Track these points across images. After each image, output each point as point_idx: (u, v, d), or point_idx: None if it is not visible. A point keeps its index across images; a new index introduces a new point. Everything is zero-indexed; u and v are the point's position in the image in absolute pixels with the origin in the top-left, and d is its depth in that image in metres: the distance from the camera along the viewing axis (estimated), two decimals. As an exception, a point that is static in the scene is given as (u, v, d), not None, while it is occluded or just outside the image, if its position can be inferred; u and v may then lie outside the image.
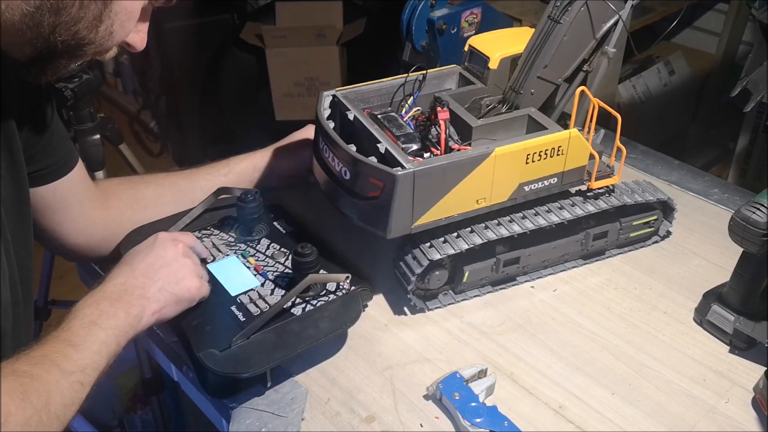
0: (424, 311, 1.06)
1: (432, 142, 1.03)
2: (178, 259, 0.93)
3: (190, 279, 0.93)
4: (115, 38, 0.77)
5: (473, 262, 1.05)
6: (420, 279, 1.02)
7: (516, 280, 1.11)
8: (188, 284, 0.93)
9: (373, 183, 0.95)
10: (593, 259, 1.16)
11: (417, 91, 1.13)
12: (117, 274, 0.91)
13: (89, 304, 0.85)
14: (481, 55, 1.13)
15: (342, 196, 1.01)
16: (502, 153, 0.98)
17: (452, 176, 0.97)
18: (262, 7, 2.76)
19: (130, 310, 0.86)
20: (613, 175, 1.11)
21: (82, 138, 1.86)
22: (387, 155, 0.97)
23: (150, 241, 0.95)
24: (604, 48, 1.07)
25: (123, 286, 0.88)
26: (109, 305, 0.85)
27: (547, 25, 1.06)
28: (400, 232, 0.98)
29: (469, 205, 1.01)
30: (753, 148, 2.47)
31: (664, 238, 1.20)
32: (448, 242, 1.02)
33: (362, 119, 1.04)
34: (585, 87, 1.07)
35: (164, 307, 0.90)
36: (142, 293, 0.89)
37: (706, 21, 2.65)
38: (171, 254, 0.93)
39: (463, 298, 1.08)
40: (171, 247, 0.94)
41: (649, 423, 0.91)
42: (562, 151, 1.03)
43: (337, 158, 1.00)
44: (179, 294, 0.92)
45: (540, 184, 1.05)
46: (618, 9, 1.05)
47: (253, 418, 0.91)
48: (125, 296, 0.87)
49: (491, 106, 1.12)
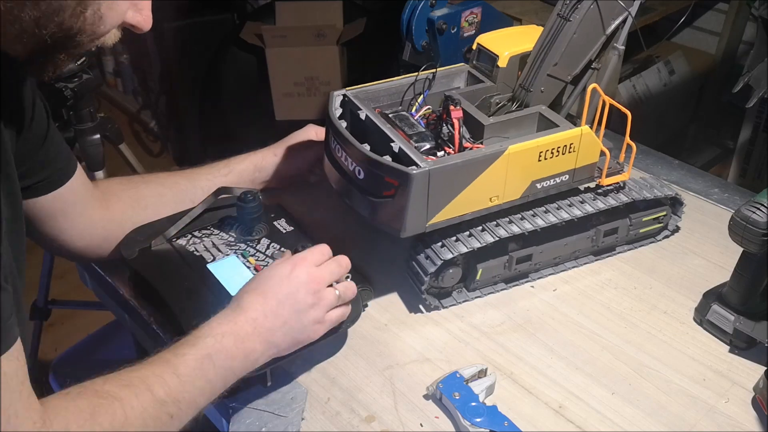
0: (426, 311, 1.06)
1: (444, 140, 1.03)
2: (308, 301, 0.88)
3: (314, 328, 0.89)
4: (108, 22, 0.72)
5: (486, 259, 1.05)
6: (434, 278, 1.02)
7: (528, 277, 1.11)
8: (310, 334, 0.89)
9: (388, 182, 0.95)
10: (603, 255, 1.16)
11: (427, 90, 1.13)
12: (249, 304, 0.86)
13: (214, 334, 0.82)
14: (490, 53, 1.13)
15: (356, 196, 1.01)
16: (516, 151, 0.99)
17: (466, 174, 0.97)
18: (262, 6, 2.75)
19: (251, 355, 0.84)
20: (623, 172, 1.11)
21: (82, 138, 1.86)
22: (401, 154, 0.97)
23: (286, 271, 0.89)
24: (614, 45, 1.07)
25: (253, 323, 0.84)
26: (232, 344, 0.82)
27: (556, 22, 1.06)
28: (414, 230, 0.98)
29: (483, 203, 1.01)
30: (753, 148, 2.47)
31: (674, 233, 1.20)
32: (460, 241, 1.02)
33: (374, 118, 1.04)
34: (596, 84, 1.07)
35: (283, 350, 0.88)
36: (268, 337, 0.85)
37: (706, 21, 2.65)
38: (303, 296, 0.88)
39: (477, 296, 1.08)
40: (304, 288, 0.88)
41: (649, 423, 0.91)
42: (573, 149, 1.03)
43: (350, 158, 1.00)
44: (301, 339, 0.89)
45: (552, 181, 1.05)
46: (627, 6, 1.05)
47: (253, 417, 0.91)
48: (251, 337, 0.84)
49: (501, 104, 1.13)
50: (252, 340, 0.84)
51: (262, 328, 0.85)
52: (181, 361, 0.78)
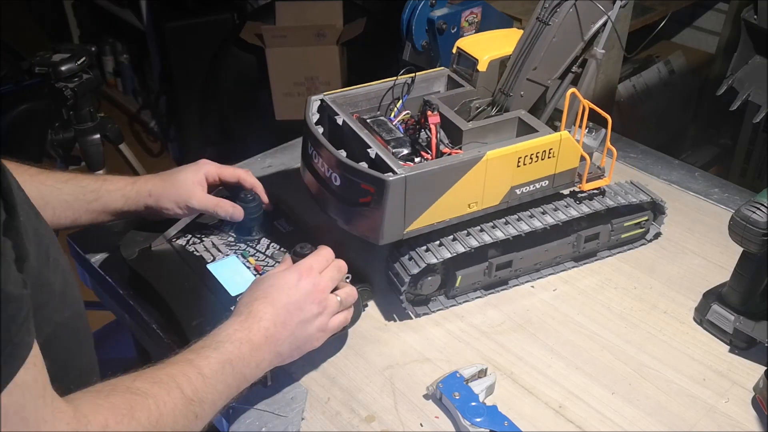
0: (422, 314, 1.06)
1: (422, 146, 1.02)
2: (314, 311, 0.89)
3: (317, 337, 0.90)
4: None
5: (465, 266, 1.04)
6: (412, 285, 1.02)
7: (508, 284, 1.11)
8: (313, 343, 0.90)
9: (364, 189, 0.94)
10: (585, 261, 1.15)
11: (406, 95, 1.12)
12: (262, 313, 0.85)
13: (233, 340, 0.82)
14: (470, 57, 1.12)
15: (332, 202, 1.00)
16: (494, 156, 0.98)
17: (444, 181, 0.96)
18: (262, 6, 2.75)
19: (261, 364, 0.84)
20: (603, 177, 1.11)
21: (82, 137, 1.86)
22: (377, 160, 0.96)
23: (293, 281, 0.88)
24: (593, 49, 1.07)
25: (266, 332, 0.84)
26: (248, 351, 0.82)
27: (536, 26, 1.05)
28: (392, 237, 0.97)
29: (461, 210, 1.00)
30: (753, 148, 2.47)
31: (652, 240, 1.19)
32: (439, 247, 1.01)
33: (351, 124, 1.03)
34: (575, 89, 1.06)
35: (287, 359, 0.88)
36: (276, 348, 0.85)
37: (706, 20, 2.65)
38: (309, 307, 0.88)
39: (453, 304, 1.07)
40: (310, 299, 0.88)
41: (649, 422, 0.91)
42: (553, 154, 1.03)
43: (326, 164, 0.99)
44: (303, 349, 0.90)
45: (531, 186, 1.04)
46: (606, 9, 1.04)
47: (253, 417, 0.91)
48: (264, 347, 0.84)
49: (480, 108, 1.12)
50: (263, 350, 0.84)
51: (273, 339, 0.85)
52: (206, 363, 0.78)
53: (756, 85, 1.39)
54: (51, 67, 1.72)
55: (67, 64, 1.73)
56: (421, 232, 0.99)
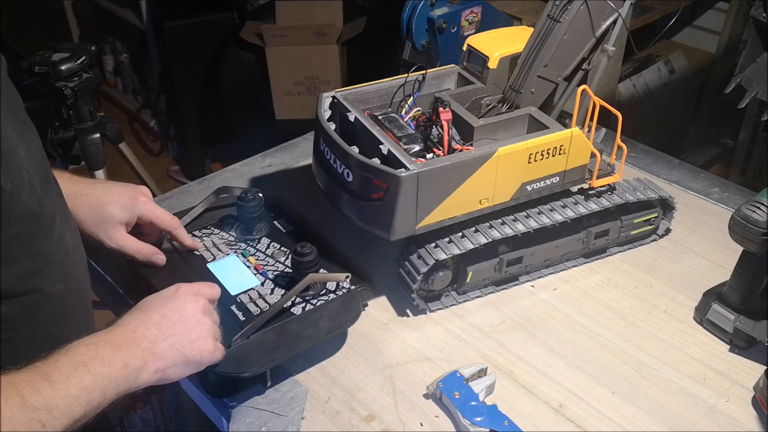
0: (426, 311, 1.06)
1: (434, 142, 1.03)
2: (197, 317, 0.86)
3: (205, 341, 0.86)
4: None
5: (476, 262, 1.05)
6: (424, 281, 1.02)
7: (518, 280, 1.11)
8: (202, 346, 0.85)
9: (377, 185, 0.95)
10: (594, 257, 1.16)
11: (417, 92, 1.13)
12: (129, 320, 0.83)
13: (87, 344, 0.77)
14: (480, 54, 1.13)
15: (344, 198, 1.00)
16: (505, 153, 0.98)
17: (456, 177, 0.97)
18: (262, 5, 2.76)
19: (130, 362, 0.79)
20: (613, 174, 1.11)
21: (82, 137, 1.86)
22: (390, 156, 0.97)
23: (171, 291, 0.88)
24: (604, 46, 1.07)
25: (132, 334, 0.81)
26: (109, 351, 0.77)
27: (546, 23, 1.06)
28: (404, 233, 0.98)
29: (473, 206, 1.01)
30: (753, 147, 2.47)
31: (662, 236, 1.20)
32: (450, 243, 1.01)
33: (363, 120, 1.04)
34: (586, 86, 1.07)
35: (171, 366, 0.82)
36: (150, 347, 0.81)
37: (707, 20, 2.65)
38: (190, 310, 0.86)
39: (465, 299, 1.08)
40: (192, 301, 0.87)
41: (649, 422, 0.91)
42: (564, 150, 1.03)
43: (339, 160, 1.00)
44: (190, 356, 0.84)
45: (542, 183, 1.05)
46: (617, 7, 1.05)
47: (253, 417, 0.91)
48: (130, 345, 0.80)
49: (491, 105, 1.12)
50: (130, 349, 0.79)
51: (142, 338, 0.81)
52: (54, 369, 0.73)
53: (764, 83, 1.39)
54: (51, 66, 1.72)
55: (66, 64, 1.73)
56: (432, 228, 0.99)
